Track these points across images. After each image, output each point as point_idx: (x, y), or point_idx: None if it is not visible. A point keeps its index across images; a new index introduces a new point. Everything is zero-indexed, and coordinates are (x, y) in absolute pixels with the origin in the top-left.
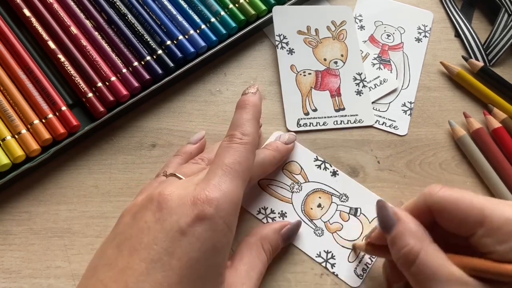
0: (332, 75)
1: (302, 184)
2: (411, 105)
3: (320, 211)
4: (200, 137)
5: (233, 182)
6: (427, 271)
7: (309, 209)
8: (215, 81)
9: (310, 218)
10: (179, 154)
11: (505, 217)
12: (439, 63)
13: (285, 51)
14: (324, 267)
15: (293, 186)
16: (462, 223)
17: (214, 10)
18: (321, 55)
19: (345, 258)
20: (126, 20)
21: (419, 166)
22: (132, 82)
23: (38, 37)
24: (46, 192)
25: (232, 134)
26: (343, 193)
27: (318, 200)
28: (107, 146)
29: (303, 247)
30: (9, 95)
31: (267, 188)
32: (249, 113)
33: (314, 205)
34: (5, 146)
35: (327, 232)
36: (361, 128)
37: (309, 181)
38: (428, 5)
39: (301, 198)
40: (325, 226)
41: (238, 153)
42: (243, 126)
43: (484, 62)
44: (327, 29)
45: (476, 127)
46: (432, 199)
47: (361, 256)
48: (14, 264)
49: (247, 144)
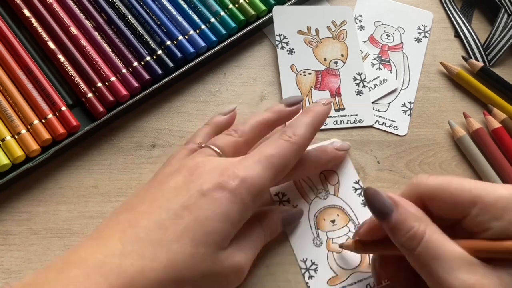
0: (332, 75)
1: (330, 195)
2: (411, 105)
3: (330, 226)
4: (232, 109)
5: (264, 171)
6: (432, 251)
7: (322, 219)
8: (215, 81)
9: (317, 227)
10: (208, 124)
11: (497, 194)
12: (439, 63)
13: (285, 51)
14: (302, 274)
15: (321, 192)
16: (455, 207)
17: (214, 11)
18: (321, 55)
19: (325, 278)
20: (126, 20)
21: (419, 166)
22: (132, 82)
23: (38, 37)
24: (46, 192)
25: (284, 131)
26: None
27: (335, 216)
28: (107, 146)
29: (295, 245)
30: (8, 95)
31: (297, 180)
32: (308, 118)
33: (328, 218)
34: (4, 146)
35: (324, 247)
36: (361, 128)
37: (338, 196)
38: (428, 5)
39: (321, 206)
40: (326, 241)
41: (281, 148)
42: (297, 127)
43: (484, 62)
44: (327, 29)
45: (475, 127)
46: (422, 189)
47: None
48: (14, 264)
49: (294, 144)
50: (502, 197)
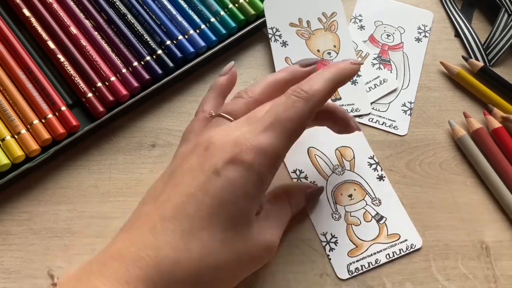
0: (326, 66)
1: (346, 170)
2: (411, 105)
3: (347, 201)
4: (230, 66)
5: (279, 138)
6: None
7: (339, 194)
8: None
9: (335, 201)
10: (212, 88)
11: None
12: (439, 63)
13: (278, 43)
14: (323, 246)
15: (337, 168)
16: None
17: (214, 10)
18: (314, 47)
19: (346, 251)
20: (126, 20)
21: (419, 166)
22: (132, 82)
23: (38, 37)
24: (46, 192)
25: (300, 85)
26: (378, 198)
27: (352, 191)
28: (107, 146)
29: (315, 220)
30: (8, 95)
31: (313, 156)
32: (329, 73)
33: (346, 193)
34: (4, 146)
35: (343, 221)
36: (360, 128)
37: (354, 172)
38: (428, 5)
39: (338, 181)
40: (344, 215)
41: (295, 109)
42: (314, 82)
43: (484, 62)
44: (319, 20)
45: (476, 127)
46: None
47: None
48: (14, 264)
49: (308, 101)
50: None
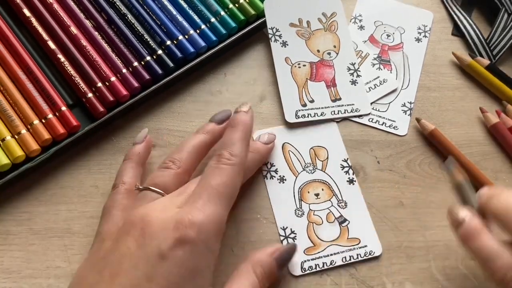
0: (326, 66)
1: (318, 169)
2: (411, 105)
3: (313, 199)
4: (144, 135)
5: (218, 205)
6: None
7: (306, 191)
8: (215, 81)
9: (301, 198)
10: (128, 158)
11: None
12: (439, 63)
13: (278, 44)
14: (280, 241)
15: (309, 166)
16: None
17: (214, 10)
18: (314, 47)
19: (302, 247)
20: (126, 20)
21: (419, 166)
22: (132, 82)
23: (38, 37)
24: (46, 192)
25: (221, 154)
26: (345, 200)
27: (319, 190)
28: (107, 146)
29: (277, 212)
30: (9, 95)
31: (287, 152)
32: (239, 133)
33: (313, 191)
34: (5, 146)
35: (305, 218)
36: (361, 128)
37: (325, 172)
38: (428, 5)
39: (307, 179)
40: (307, 213)
41: (225, 174)
42: (232, 146)
43: (488, 58)
44: (318, 21)
45: (493, 121)
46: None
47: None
48: (14, 264)
49: (235, 165)
50: None
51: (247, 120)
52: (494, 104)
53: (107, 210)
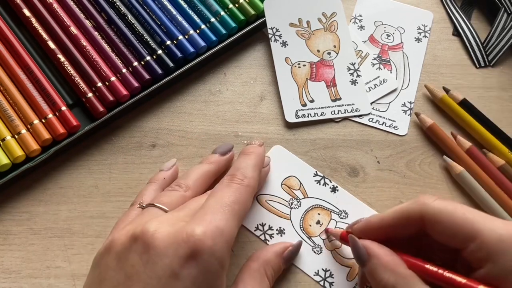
0: (326, 66)
1: (301, 200)
2: (411, 105)
3: (319, 228)
4: (172, 163)
5: (230, 221)
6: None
7: (308, 226)
8: (215, 81)
9: (309, 235)
10: (153, 181)
11: (497, 234)
12: (439, 63)
13: (278, 43)
14: (322, 286)
15: (292, 202)
16: (455, 236)
17: (214, 10)
18: (314, 47)
19: (343, 277)
20: (126, 20)
21: (419, 166)
22: (132, 82)
23: (38, 37)
24: (46, 192)
25: (234, 175)
26: (343, 210)
27: (317, 216)
28: (107, 146)
29: (301, 265)
30: (9, 95)
31: (265, 203)
32: (252, 160)
33: (313, 221)
34: (5, 146)
35: (325, 250)
36: (361, 128)
37: (308, 197)
38: (428, 5)
39: (300, 214)
40: (323, 244)
41: (239, 193)
42: (245, 169)
43: (484, 61)
44: (318, 21)
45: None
46: (426, 209)
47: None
48: (14, 264)
49: (248, 187)
50: (502, 239)
51: (260, 150)
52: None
53: (116, 226)
